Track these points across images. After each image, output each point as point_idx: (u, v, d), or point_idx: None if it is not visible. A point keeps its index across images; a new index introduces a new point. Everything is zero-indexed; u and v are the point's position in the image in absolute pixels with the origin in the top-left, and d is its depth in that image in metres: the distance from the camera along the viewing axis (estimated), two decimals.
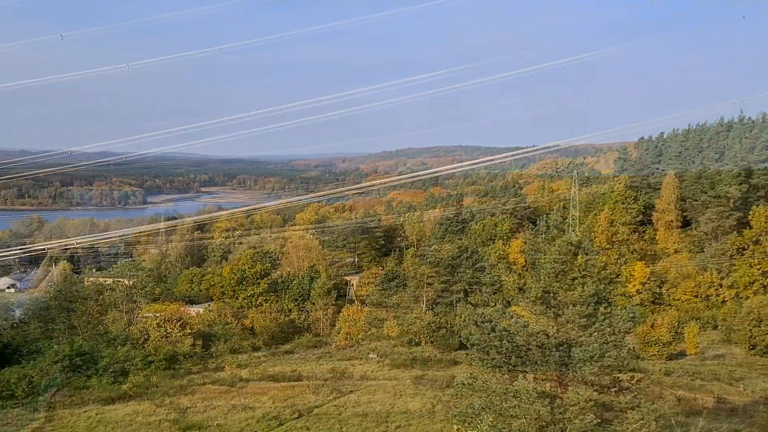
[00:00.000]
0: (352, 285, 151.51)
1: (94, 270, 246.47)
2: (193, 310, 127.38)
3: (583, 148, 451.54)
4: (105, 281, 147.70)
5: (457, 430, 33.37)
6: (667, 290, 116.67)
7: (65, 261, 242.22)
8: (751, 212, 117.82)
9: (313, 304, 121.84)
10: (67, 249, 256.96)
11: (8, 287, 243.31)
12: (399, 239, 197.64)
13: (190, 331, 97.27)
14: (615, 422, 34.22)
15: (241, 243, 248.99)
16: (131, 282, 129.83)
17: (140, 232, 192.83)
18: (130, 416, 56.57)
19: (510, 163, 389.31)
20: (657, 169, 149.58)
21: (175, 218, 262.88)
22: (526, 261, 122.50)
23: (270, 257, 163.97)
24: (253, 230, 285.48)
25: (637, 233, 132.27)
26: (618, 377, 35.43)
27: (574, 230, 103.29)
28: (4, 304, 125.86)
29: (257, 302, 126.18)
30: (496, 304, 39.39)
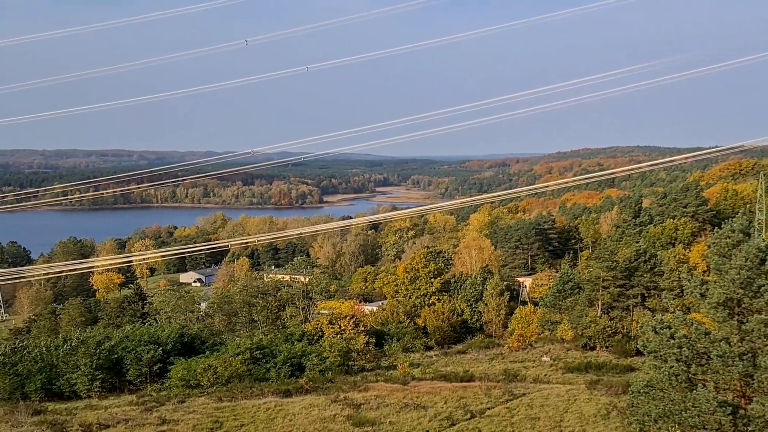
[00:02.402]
0: (525, 286, 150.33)
1: (272, 267, 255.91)
2: (367, 308, 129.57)
3: None
4: (282, 278, 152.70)
5: None
6: None
7: (246, 257, 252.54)
8: None
9: (486, 304, 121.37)
10: (248, 246, 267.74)
11: (194, 281, 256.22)
12: (573, 241, 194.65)
13: (363, 328, 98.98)
14: None
15: (414, 242, 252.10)
16: (307, 279, 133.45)
17: (317, 231, 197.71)
18: (307, 409, 58.12)
19: (691, 164, 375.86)
20: None
21: (351, 217, 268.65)
22: (708, 266, 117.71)
23: (443, 257, 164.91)
24: (426, 230, 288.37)
25: None
26: None
27: (760, 235, 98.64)
28: (191, 297, 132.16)
29: (430, 301, 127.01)
30: (675, 311, 38.06)
